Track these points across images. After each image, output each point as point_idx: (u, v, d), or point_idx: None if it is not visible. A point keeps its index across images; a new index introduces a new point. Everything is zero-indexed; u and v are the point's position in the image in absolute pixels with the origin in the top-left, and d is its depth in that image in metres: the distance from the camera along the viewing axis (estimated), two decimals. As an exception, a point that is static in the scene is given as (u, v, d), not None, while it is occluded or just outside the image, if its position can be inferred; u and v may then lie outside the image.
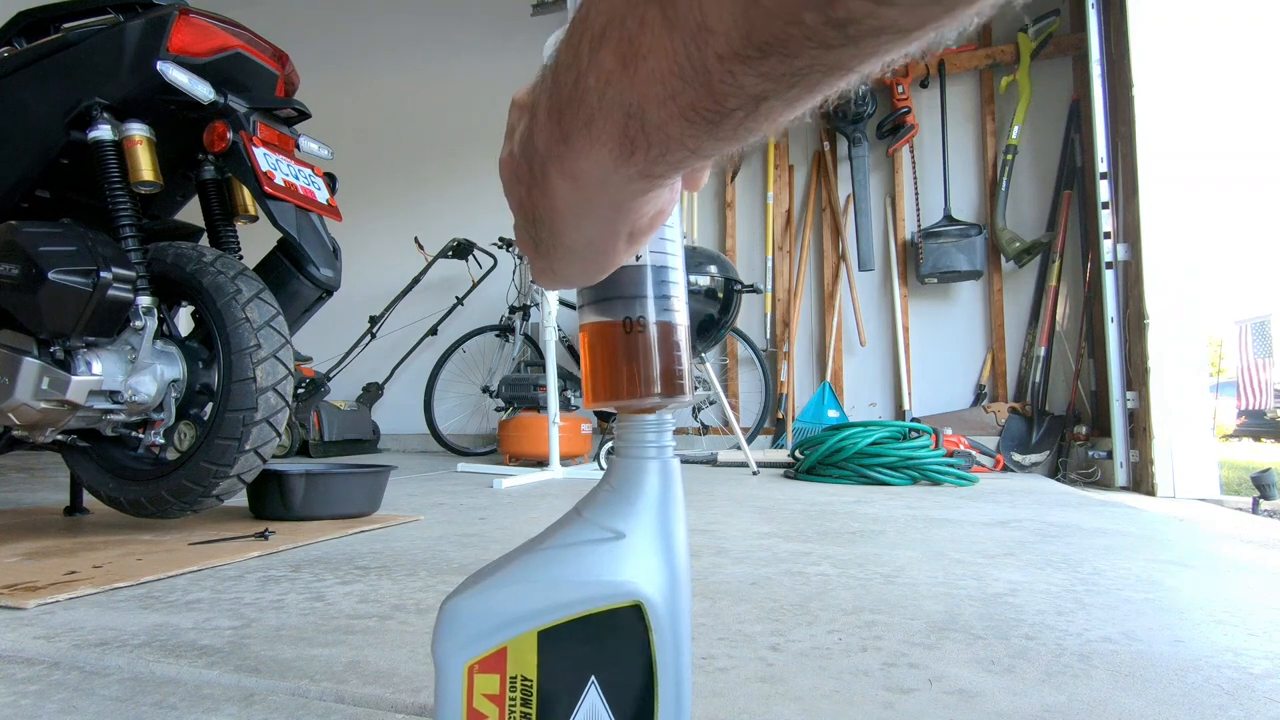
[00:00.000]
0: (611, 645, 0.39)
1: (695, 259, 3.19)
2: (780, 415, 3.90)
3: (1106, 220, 2.92)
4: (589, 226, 0.30)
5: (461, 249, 4.27)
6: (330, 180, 1.68)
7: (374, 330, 4.38)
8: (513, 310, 4.10)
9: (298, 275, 1.60)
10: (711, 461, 3.43)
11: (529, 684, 0.40)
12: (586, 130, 0.26)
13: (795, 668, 0.75)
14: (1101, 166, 2.96)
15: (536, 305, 3.83)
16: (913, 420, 3.58)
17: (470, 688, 0.40)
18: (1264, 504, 3.03)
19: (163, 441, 1.49)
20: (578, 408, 3.82)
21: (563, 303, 3.72)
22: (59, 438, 1.48)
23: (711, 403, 3.82)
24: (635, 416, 0.42)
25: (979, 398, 3.72)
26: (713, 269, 3.17)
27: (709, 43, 0.22)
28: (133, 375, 1.42)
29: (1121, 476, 2.82)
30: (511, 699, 0.40)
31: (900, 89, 3.79)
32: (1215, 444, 2.79)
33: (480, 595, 0.41)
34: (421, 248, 4.41)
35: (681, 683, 0.40)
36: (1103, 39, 3.04)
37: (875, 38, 0.20)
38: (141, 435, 1.51)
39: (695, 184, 0.34)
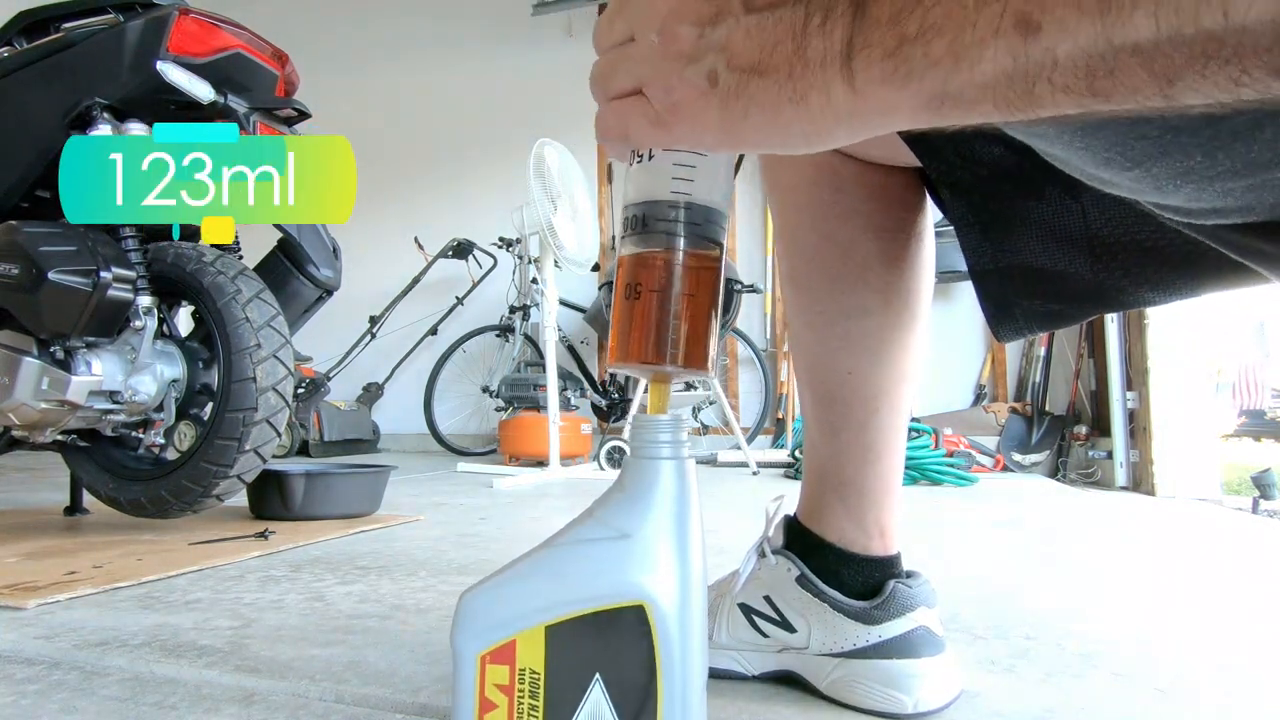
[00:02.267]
0: (615, 645, 0.39)
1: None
2: (780, 415, 3.90)
3: (1106, 220, 2.92)
4: (820, 120, 0.30)
5: (461, 249, 4.26)
6: (330, 180, 1.68)
7: (374, 330, 4.38)
8: (513, 310, 4.10)
9: (298, 275, 1.60)
10: (711, 461, 3.43)
11: (536, 677, 0.40)
12: (902, 77, 0.27)
13: (796, 668, 0.75)
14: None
15: (536, 305, 3.83)
16: (912, 420, 3.58)
17: (482, 677, 0.41)
18: (1264, 504, 3.03)
19: (163, 441, 1.49)
20: (578, 408, 3.82)
21: (563, 303, 3.72)
22: (59, 438, 1.48)
23: (711, 403, 3.82)
24: (650, 416, 0.42)
25: (979, 398, 3.72)
26: (713, 269, 3.17)
27: (1049, 75, 0.24)
28: (133, 375, 1.42)
29: (1121, 476, 2.82)
30: (520, 690, 0.40)
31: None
32: (1216, 444, 2.79)
33: (493, 588, 0.41)
34: (421, 248, 4.40)
35: (689, 687, 0.40)
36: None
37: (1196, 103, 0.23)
38: (141, 435, 1.50)
39: None
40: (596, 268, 3.54)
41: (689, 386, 3.23)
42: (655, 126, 0.33)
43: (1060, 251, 0.52)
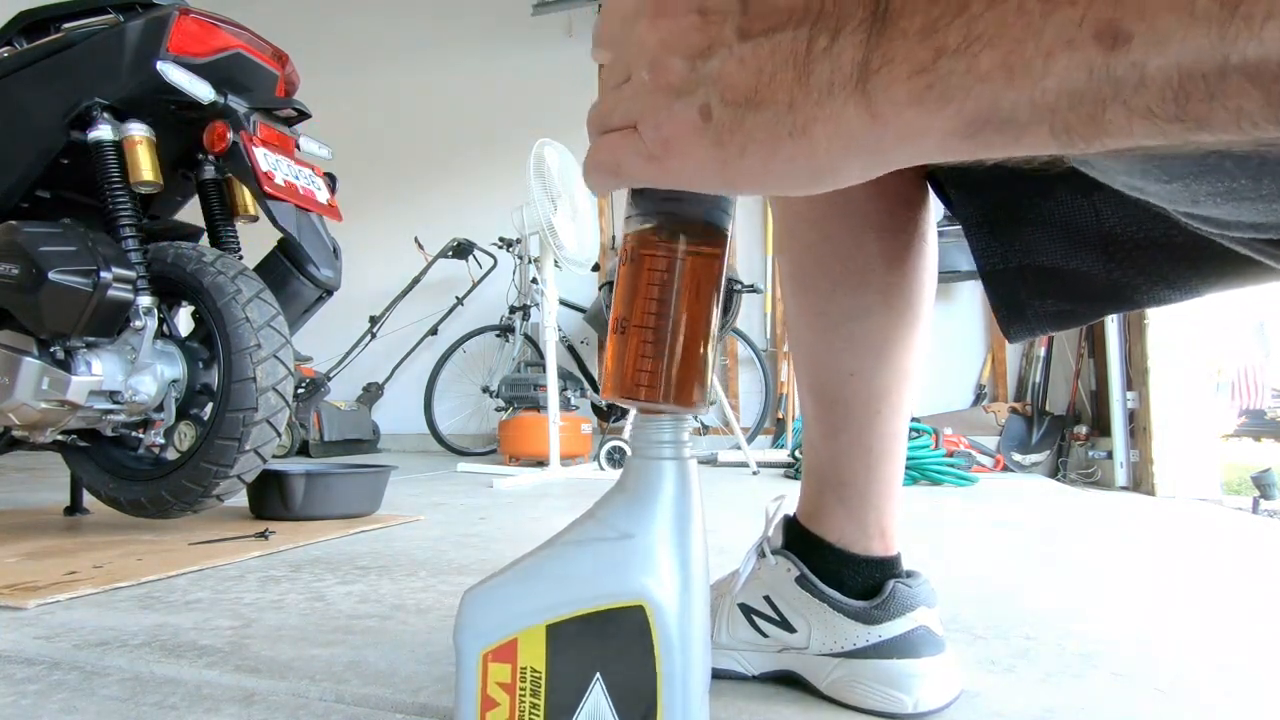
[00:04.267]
0: (615, 645, 0.39)
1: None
2: (780, 415, 3.90)
3: (1106, 220, 2.92)
4: (827, 154, 0.27)
5: (461, 249, 4.26)
6: (330, 180, 1.68)
7: (374, 330, 4.38)
8: (513, 310, 4.10)
9: (298, 275, 1.60)
10: (712, 461, 3.43)
11: (538, 676, 0.40)
12: (937, 97, 0.23)
13: (796, 667, 0.75)
14: (1101, 166, 2.95)
15: (536, 305, 3.83)
16: (912, 420, 3.57)
17: (484, 675, 0.41)
18: (1264, 504, 3.03)
19: (163, 441, 1.49)
20: (578, 408, 3.82)
21: (563, 303, 3.71)
22: (59, 438, 1.48)
23: (712, 403, 3.82)
24: (651, 416, 0.42)
25: (979, 398, 3.72)
26: (713, 269, 3.17)
27: (1127, 97, 0.20)
28: (133, 375, 1.42)
29: (1121, 476, 2.82)
30: (521, 689, 0.40)
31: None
32: (1216, 444, 2.79)
33: (495, 587, 0.42)
34: (421, 248, 4.41)
35: (689, 687, 0.39)
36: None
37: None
38: (142, 435, 1.50)
39: None
40: (596, 268, 3.54)
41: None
42: (647, 162, 0.31)
43: (1073, 251, 0.51)
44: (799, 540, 0.70)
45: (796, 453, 2.98)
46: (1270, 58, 0.18)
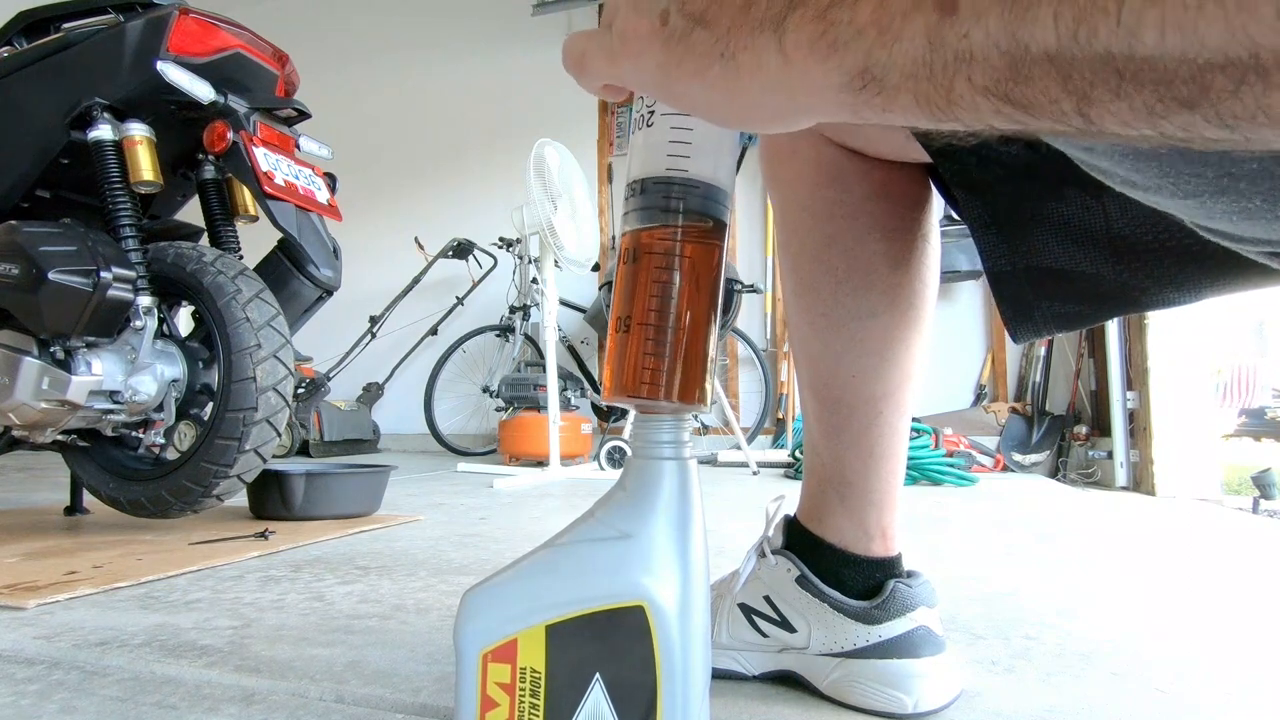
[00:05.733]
0: (615, 645, 0.39)
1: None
2: (780, 415, 3.90)
3: (1106, 220, 2.92)
4: (745, 86, 0.27)
5: (461, 249, 4.26)
6: (330, 180, 1.68)
7: (374, 330, 4.38)
8: (513, 310, 4.10)
9: (298, 275, 1.60)
10: (712, 461, 3.43)
11: (538, 676, 0.40)
12: (827, 45, 0.24)
13: (796, 668, 0.74)
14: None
15: (536, 305, 3.83)
16: (913, 420, 3.57)
17: (484, 675, 0.41)
18: (1264, 504, 3.03)
19: (163, 441, 1.49)
20: (578, 408, 3.82)
21: (563, 303, 3.71)
22: (59, 438, 1.48)
23: (712, 403, 3.82)
24: (652, 416, 0.42)
25: (979, 398, 3.72)
26: (713, 269, 3.17)
27: (968, 72, 0.21)
28: (133, 375, 1.42)
29: (1121, 476, 2.82)
30: (521, 689, 0.40)
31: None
32: (1216, 444, 2.79)
33: (495, 587, 0.42)
34: (421, 248, 4.40)
35: (690, 688, 0.39)
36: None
37: (1115, 135, 0.20)
38: (142, 435, 1.50)
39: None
40: (596, 268, 3.54)
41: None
42: (606, 59, 0.32)
43: (1081, 252, 0.51)
44: (799, 540, 0.70)
45: (797, 453, 2.97)
46: (1049, 43, 0.18)
